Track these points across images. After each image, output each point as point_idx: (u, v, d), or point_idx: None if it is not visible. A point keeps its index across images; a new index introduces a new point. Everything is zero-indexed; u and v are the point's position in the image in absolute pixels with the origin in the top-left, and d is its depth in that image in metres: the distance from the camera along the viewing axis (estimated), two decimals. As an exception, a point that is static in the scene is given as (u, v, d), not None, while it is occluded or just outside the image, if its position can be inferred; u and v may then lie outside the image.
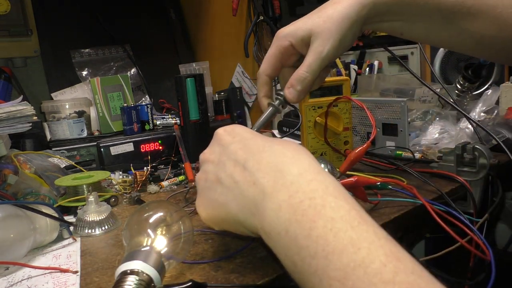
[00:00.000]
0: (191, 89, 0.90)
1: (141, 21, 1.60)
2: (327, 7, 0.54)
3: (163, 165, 0.92)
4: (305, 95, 0.57)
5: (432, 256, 0.49)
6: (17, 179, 0.67)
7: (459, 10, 0.54)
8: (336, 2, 0.54)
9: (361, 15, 0.53)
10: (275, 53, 0.57)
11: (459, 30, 0.56)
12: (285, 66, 0.58)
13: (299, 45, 0.55)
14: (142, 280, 0.36)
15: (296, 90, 0.55)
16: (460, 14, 0.54)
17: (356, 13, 0.53)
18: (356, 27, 0.54)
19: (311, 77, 0.54)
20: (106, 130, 1.06)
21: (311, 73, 0.54)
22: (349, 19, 0.53)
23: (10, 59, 1.33)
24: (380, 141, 0.86)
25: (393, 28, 0.58)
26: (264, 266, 0.43)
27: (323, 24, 0.53)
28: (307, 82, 0.54)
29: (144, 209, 0.46)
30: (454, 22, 0.55)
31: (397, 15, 0.56)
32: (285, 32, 0.56)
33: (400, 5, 0.54)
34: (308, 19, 0.55)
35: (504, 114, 0.91)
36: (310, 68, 0.54)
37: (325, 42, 0.53)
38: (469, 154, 0.64)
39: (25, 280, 0.46)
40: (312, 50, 0.53)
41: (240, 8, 1.46)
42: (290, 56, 0.57)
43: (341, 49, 0.54)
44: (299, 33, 0.54)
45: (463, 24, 0.55)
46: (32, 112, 0.76)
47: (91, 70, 1.44)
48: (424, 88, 1.05)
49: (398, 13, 0.56)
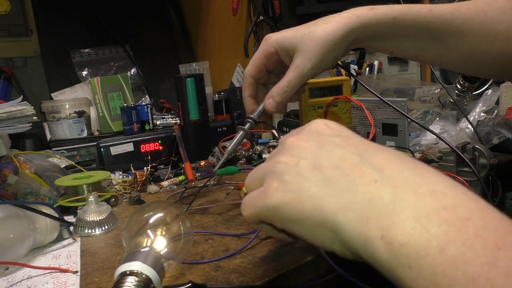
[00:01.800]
0: (191, 89, 0.90)
1: (141, 21, 1.60)
2: (318, 26, 0.55)
3: (163, 165, 0.92)
4: (283, 107, 0.59)
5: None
6: (17, 179, 0.67)
7: (448, 29, 0.55)
8: (327, 22, 0.55)
9: (348, 39, 0.55)
10: (260, 57, 0.59)
11: (449, 48, 0.57)
12: (268, 69, 0.60)
13: (283, 55, 0.57)
14: (141, 281, 0.36)
15: (275, 101, 0.57)
16: (449, 33, 0.55)
17: (342, 38, 0.54)
18: (339, 50, 0.56)
19: (290, 91, 0.57)
20: (106, 130, 1.06)
21: (290, 88, 0.56)
22: (333, 42, 0.54)
23: (10, 59, 1.33)
24: (380, 141, 0.86)
25: (382, 47, 0.60)
26: (264, 266, 0.43)
27: (308, 43, 0.55)
28: (286, 96, 0.57)
29: (144, 210, 0.46)
30: (443, 40, 0.56)
31: (386, 36, 0.57)
32: (272, 39, 0.58)
33: (389, 26, 0.55)
34: (297, 33, 0.56)
35: (504, 114, 0.91)
36: (289, 83, 0.56)
37: (306, 61, 0.55)
38: (469, 154, 0.64)
39: (25, 280, 0.46)
40: (293, 66, 0.56)
41: (240, 8, 1.46)
42: (274, 61, 0.59)
43: (321, 69, 0.57)
44: (285, 44, 0.56)
45: (452, 42, 0.56)
46: (32, 112, 0.76)
47: (91, 70, 1.44)
48: (424, 88, 1.05)
49: (387, 34, 0.57)
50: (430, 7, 0.55)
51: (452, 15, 0.55)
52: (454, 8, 0.55)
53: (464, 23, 0.54)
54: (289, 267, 0.43)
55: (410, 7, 0.56)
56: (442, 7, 0.55)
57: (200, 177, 0.82)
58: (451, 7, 0.55)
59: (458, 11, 0.55)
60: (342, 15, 0.55)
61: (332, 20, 0.55)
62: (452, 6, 0.55)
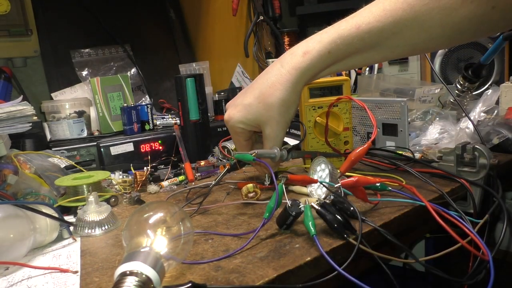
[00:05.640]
0: (191, 89, 0.90)
1: (141, 21, 1.60)
2: (269, 95, 0.61)
3: (163, 165, 0.92)
4: (277, 165, 0.70)
5: (432, 256, 0.49)
6: (17, 179, 0.67)
7: (381, 36, 0.56)
8: (274, 89, 0.61)
9: (298, 90, 0.61)
10: (235, 137, 0.68)
11: (390, 49, 0.58)
12: (248, 140, 0.68)
13: (251, 128, 0.65)
14: (141, 281, 0.36)
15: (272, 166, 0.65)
16: (385, 38, 0.57)
17: (293, 93, 0.61)
18: (296, 100, 0.62)
19: (276, 154, 0.64)
20: (106, 130, 1.06)
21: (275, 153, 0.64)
22: (288, 102, 0.61)
23: (10, 59, 1.33)
24: (380, 141, 0.86)
25: (330, 72, 0.63)
26: (264, 266, 0.43)
27: (266, 113, 0.62)
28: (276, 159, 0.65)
29: (144, 210, 0.46)
30: (382, 46, 0.58)
31: (329, 65, 0.61)
32: (233, 121, 0.65)
33: (327, 60, 0.59)
34: (252, 108, 0.62)
35: (504, 114, 0.91)
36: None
37: (274, 128, 0.63)
38: (469, 154, 0.64)
39: (25, 280, 0.46)
40: (265, 136, 0.64)
41: (240, 8, 1.46)
42: (247, 134, 0.67)
43: (288, 125, 0.65)
44: (248, 123, 0.64)
45: (392, 43, 0.57)
46: (32, 112, 0.76)
47: (91, 70, 1.44)
48: (424, 88, 1.05)
49: (329, 64, 0.60)
50: (358, 24, 0.56)
51: (380, 22, 0.55)
52: (380, 15, 0.55)
53: (395, 25, 0.54)
54: (289, 267, 0.43)
55: (339, 33, 0.58)
56: (368, 17, 0.56)
57: (200, 177, 0.82)
58: (378, 14, 0.55)
59: (385, 16, 0.55)
60: (281, 74, 0.60)
61: (277, 85, 0.60)
62: (378, 13, 0.55)
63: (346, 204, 0.50)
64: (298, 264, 0.44)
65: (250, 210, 0.62)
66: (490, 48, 0.92)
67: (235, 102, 0.65)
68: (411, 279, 1.40)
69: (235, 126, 0.65)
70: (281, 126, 0.63)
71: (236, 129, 0.65)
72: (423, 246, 1.40)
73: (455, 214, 0.54)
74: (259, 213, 0.60)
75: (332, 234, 0.49)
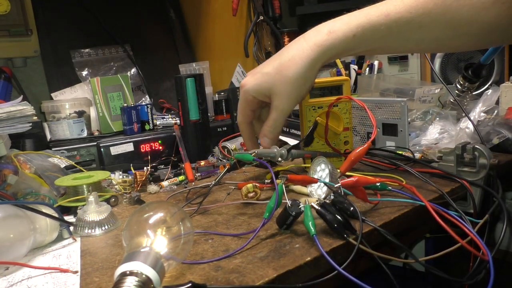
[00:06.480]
0: (191, 89, 0.90)
1: (141, 21, 1.60)
2: (287, 67, 0.61)
3: (163, 165, 0.92)
4: (276, 141, 0.69)
5: (432, 256, 0.49)
6: (17, 179, 0.67)
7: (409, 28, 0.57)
8: (294, 62, 0.61)
9: (315, 68, 0.62)
10: (243, 105, 0.68)
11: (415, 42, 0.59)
12: (254, 110, 0.69)
13: (262, 98, 0.65)
14: (141, 281, 0.36)
15: (269, 139, 0.67)
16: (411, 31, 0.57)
17: (310, 70, 0.61)
18: (311, 80, 0.63)
19: (278, 128, 0.66)
20: (106, 130, 1.06)
21: (277, 126, 0.66)
22: (304, 78, 0.62)
23: (10, 59, 1.33)
24: (380, 141, 0.86)
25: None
26: (264, 266, 0.43)
27: (280, 85, 0.62)
28: (276, 133, 0.67)
29: (144, 210, 0.46)
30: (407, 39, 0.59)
31: (350, 50, 0.62)
32: (247, 87, 0.65)
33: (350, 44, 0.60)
34: (269, 77, 0.63)
35: (504, 114, 0.91)
36: (275, 122, 0.65)
37: (284, 101, 0.63)
38: (469, 154, 0.64)
39: (25, 280, 0.46)
40: (274, 107, 0.64)
41: (240, 8, 1.46)
42: (256, 104, 0.67)
43: (299, 100, 0.66)
44: (261, 91, 0.64)
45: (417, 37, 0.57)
46: (32, 112, 0.76)
47: (91, 70, 1.44)
48: (424, 88, 1.05)
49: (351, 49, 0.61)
50: (388, 12, 0.56)
51: (410, 13, 0.55)
52: (412, 6, 0.55)
53: (424, 18, 0.55)
54: (289, 267, 0.43)
55: (368, 19, 0.57)
56: (399, 6, 0.56)
57: (200, 177, 0.82)
58: (409, 4, 0.55)
59: (416, 7, 0.55)
60: (303, 49, 0.60)
61: (297, 59, 0.61)
62: (409, 3, 0.55)
63: (346, 204, 0.50)
64: (298, 264, 0.44)
65: (250, 210, 0.62)
66: (490, 48, 0.92)
67: (256, 70, 0.67)
68: (411, 279, 1.40)
69: (248, 93, 0.65)
70: (291, 101, 0.63)
71: (248, 96, 0.66)
72: (423, 246, 1.40)
73: (455, 214, 0.54)
74: (259, 213, 0.60)
75: (332, 234, 0.49)
